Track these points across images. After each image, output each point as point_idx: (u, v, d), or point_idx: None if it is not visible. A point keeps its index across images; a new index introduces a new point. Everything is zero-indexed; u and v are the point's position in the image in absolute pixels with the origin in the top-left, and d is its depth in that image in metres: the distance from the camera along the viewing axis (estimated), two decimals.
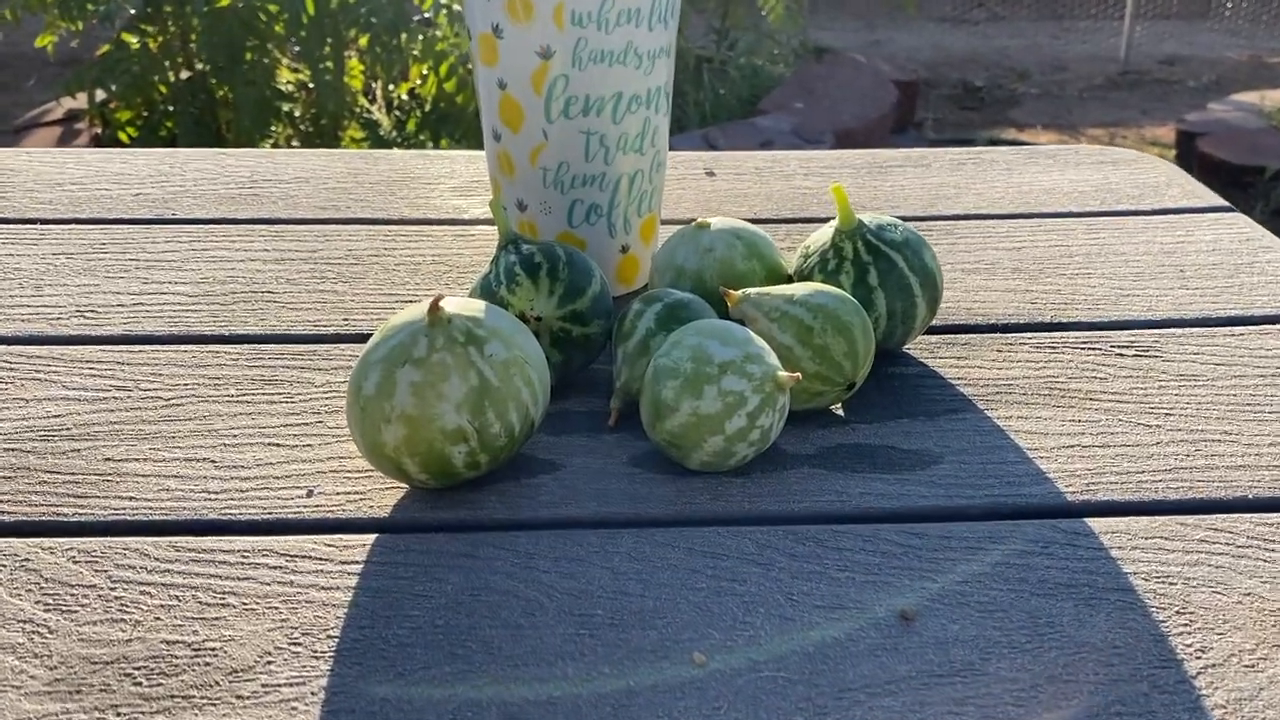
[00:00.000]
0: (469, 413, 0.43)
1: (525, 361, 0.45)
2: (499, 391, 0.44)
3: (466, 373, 0.43)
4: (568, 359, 0.52)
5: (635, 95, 0.57)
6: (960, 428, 0.51)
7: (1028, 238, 0.70)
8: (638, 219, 0.62)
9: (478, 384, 0.43)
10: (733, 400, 0.44)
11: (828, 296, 0.49)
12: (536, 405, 0.46)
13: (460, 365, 0.43)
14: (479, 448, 0.44)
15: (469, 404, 0.43)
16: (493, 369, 0.44)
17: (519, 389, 0.44)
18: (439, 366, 0.43)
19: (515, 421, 0.45)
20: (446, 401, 0.43)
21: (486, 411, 0.43)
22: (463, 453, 0.44)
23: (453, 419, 0.43)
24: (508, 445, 0.45)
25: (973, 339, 0.58)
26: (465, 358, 0.43)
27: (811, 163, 0.82)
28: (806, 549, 0.43)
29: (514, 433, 0.45)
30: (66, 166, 0.81)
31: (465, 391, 0.43)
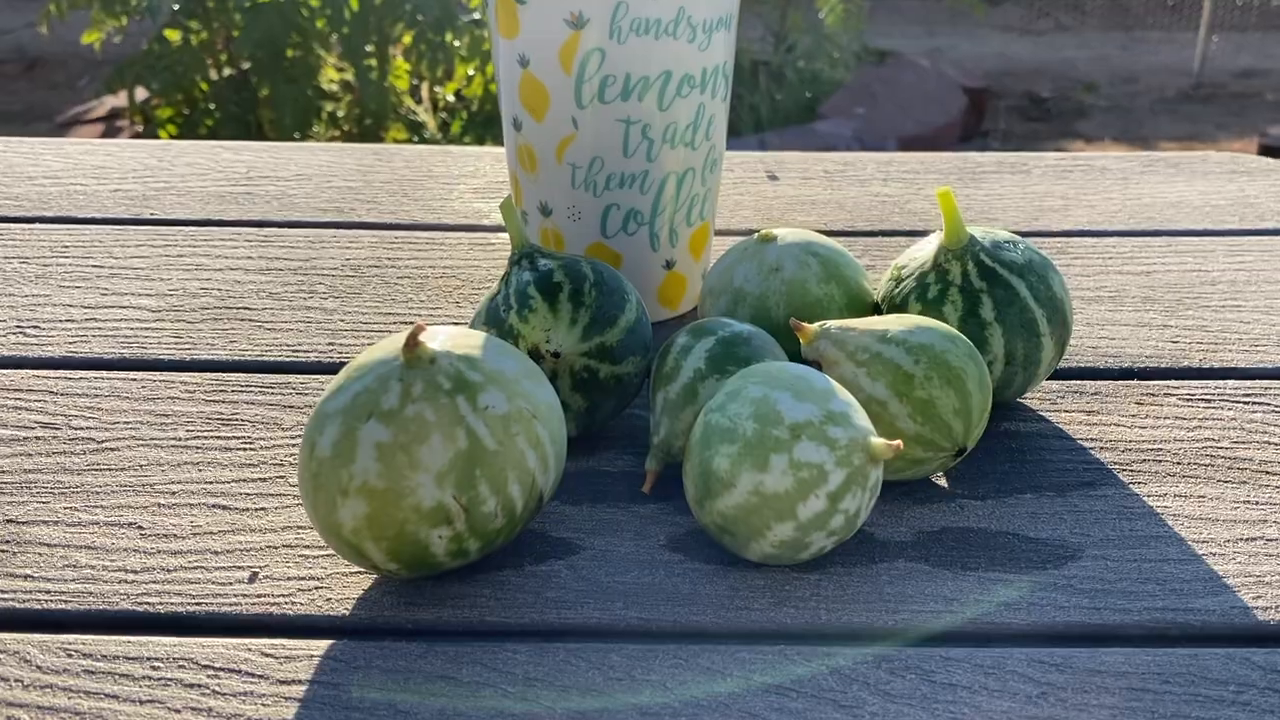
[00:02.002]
0: (454, 486, 0.32)
1: (533, 416, 0.34)
2: (495, 457, 0.33)
3: (452, 432, 0.32)
4: (593, 406, 0.41)
5: (687, 75, 0.46)
6: (1100, 509, 0.39)
7: (1157, 260, 0.58)
8: (686, 229, 0.51)
9: (467, 447, 0.32)
10: (809, 476, 0.33)
11: (933, 334, 0.38)
12: (546, 474, 0.34)
13: (444, 421, 0.32)
14: (467, 531, 0.33)
15: (454, 474, 0.32)
16: (488, 427, 0.33)
17: (523, 453, 0.33)
18: (415, 423, 0.32)
19: (516, 496, 0.34)
20: (424, 471, 0.32)
21: (478, 484, 0.33)
22: (445, 538, 0.33)
23: (431, 494, 0.32)
24: (506, 528, 0.34)
25: (1105, 387, 0.46)
26: (452, 411, 0.32)
27: (891, 166, 0.71)
28: (906, 684, 0.32)
29: (514, 511, 0.34)
30: (43, 158, 0.72)
31: (450, 457, 0.32)
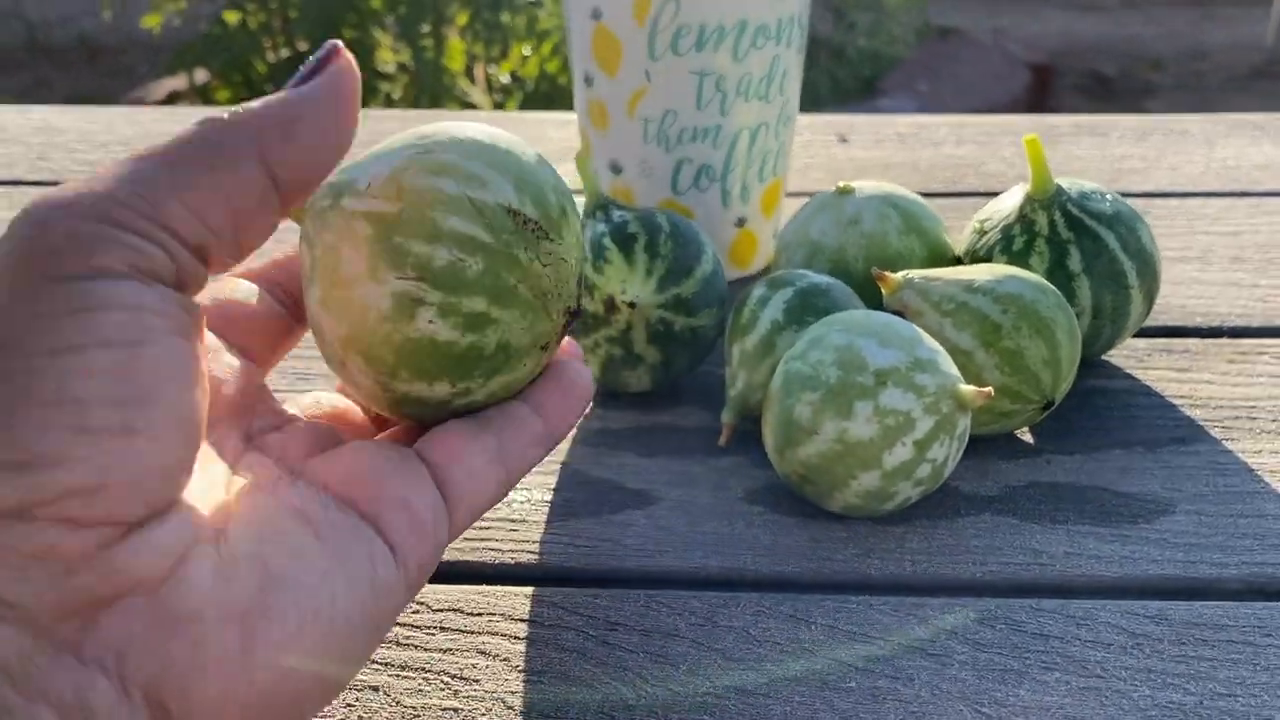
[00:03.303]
0: (388, 266, 0.25)
1: (427, 152, 0.26)
2: (404, 216, 0.25)
3: (349, 229, 0.25)
4: (668, 359, 0.40)
5: (762, 26, 0.45)
6: (1193, 464, 0.38)
7: (1244, 221, 0.56)
8: (759, 185, 0.50)
9: (373, 231, 0.25)
10: (895, 423, 0.32)
11: (1021, 283, 0.37)
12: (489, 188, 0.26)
13: (342, 230, 0.25)
14: (447, 295, 0.25)
15: (381, 259, 0.25)
16: (379, 199, 0.25)
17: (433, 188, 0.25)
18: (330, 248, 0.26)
19: (468, 227, 0.25)
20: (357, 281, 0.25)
21: (408, 247, 0.25)
22: (433, 319, 0.25)
23: (380, 293, 0.25)
24: (490, 262, 0.25)
25: (1194, 345, 0.45)
26: (344, 215, 0.25)
27: (965, 128, 0.69)
28: (997, 634, 0.31)
29: (480, 242, 0.25)
30: (114, 125, 0.73)
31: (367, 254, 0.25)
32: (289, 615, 0.21)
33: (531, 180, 0.27)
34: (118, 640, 0.20)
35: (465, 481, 0.25)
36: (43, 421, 0.19)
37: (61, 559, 0.19)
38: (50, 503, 0.19)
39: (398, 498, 0.24)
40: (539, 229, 0.26)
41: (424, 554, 0.24)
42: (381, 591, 0.23)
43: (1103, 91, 3.75)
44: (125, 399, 0.20)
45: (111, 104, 2.98)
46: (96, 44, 3.80)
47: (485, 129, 0.27)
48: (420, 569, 0.24)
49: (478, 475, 0.26)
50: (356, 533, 0.23)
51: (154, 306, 0.21)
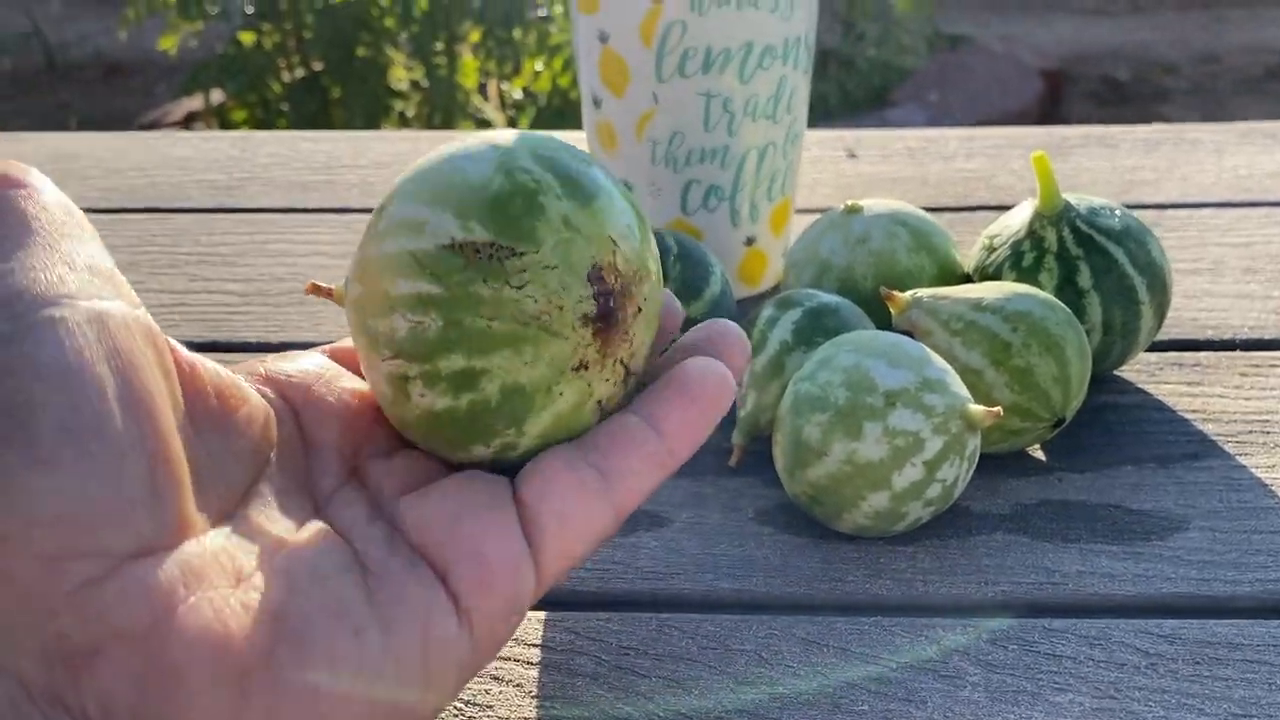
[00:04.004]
0: (374, 352, 0.25)
1: None
2: (365, 297, 0.25)
3: (350, 317, 0.26)
4: None
5: (769, 47, 0.46)
6: (1206, 480, 0.38)
7: (1256, 231, 0.56)
8: (767, 204, 0.50)
9: (355, 317, 0.25)
10: (904, 444, 0.32)
11: (1030, 301, 0.37)
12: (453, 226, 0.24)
13: (347, 319, 0.26)
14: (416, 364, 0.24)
15: (365, 342, 0.25)
16: (354, 286, 0.25)
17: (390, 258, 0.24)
18: None
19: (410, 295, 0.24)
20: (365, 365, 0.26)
21: (375, 327, 0.25)
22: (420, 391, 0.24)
23: (378, 378, 0.25)
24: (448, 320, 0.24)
25: (1206, 359, 0.45)
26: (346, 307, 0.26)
27: (975, 141, 0.69)
28: (1009, 655, 0.31)
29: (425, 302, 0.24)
30: (129, 151, 0.73)
31: (359, 339, 0.25)
32: (300, 674, 0.20)
33: (480, 195, 0.24)
34: (102, 694, 0.19)
35: (553, 527, 0.23)
36: None
37: (41, 598, 0.19)
38: (17, 534, 0.19)
39: (471, 548, 0.23)
40: (497, 250, 0.23)
41: (494, 607, 0.23)
42: (434, 646, 0.22)
43: (1115, 97, 3.73)
44: (74, 428, 0.19)
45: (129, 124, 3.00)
46: (114, 65, 3.83)
47: (449, 149, 0.25)
48: (490, 624, 0.23)
49: (571, 517, 0.24)
50: (416, 584, 0.22)
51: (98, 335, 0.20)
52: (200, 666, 0.19)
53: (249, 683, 0.20)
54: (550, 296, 0.23)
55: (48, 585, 0.19)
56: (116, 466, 0.19)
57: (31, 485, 0.19)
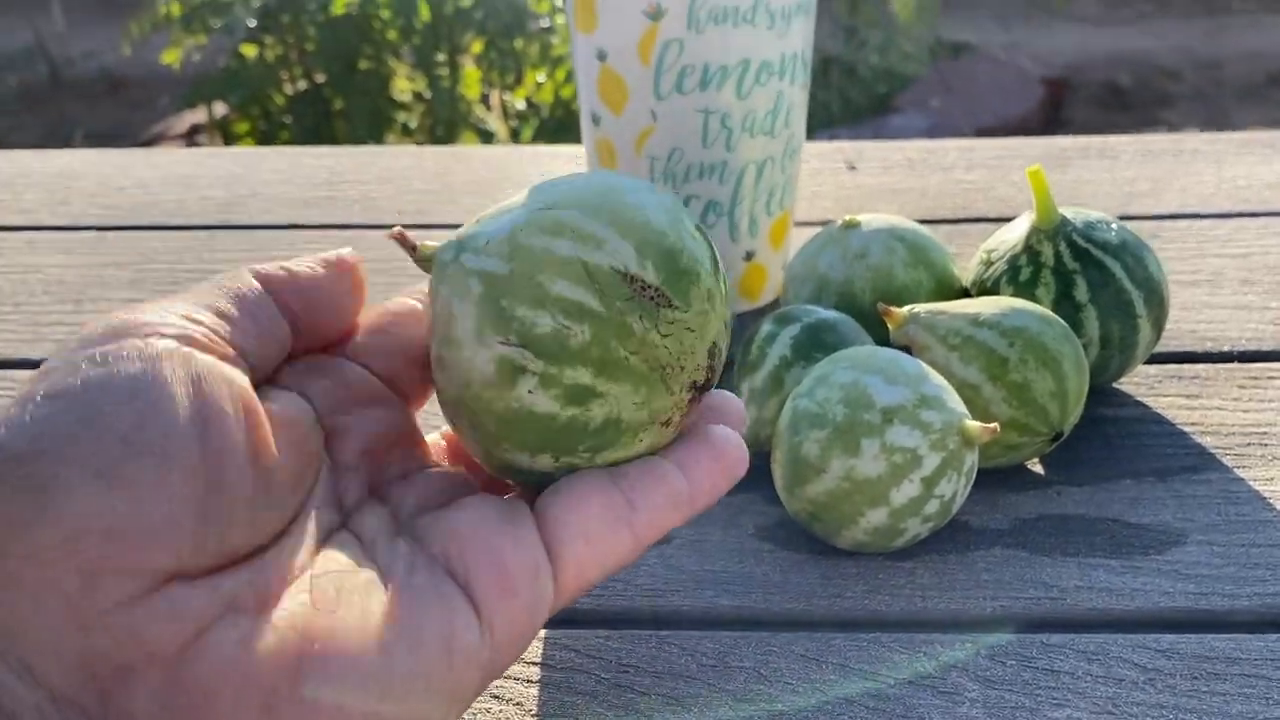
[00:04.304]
0: (492, 331, 0.25)
1: (549, 207, 0.26)
2: (516, 278, 0.25)
3: (466, 289, 0.25)
4: None
5: (765, 63, 0.46)
6: (1204, 494, 0.38)
7: (1254, 242, 0.56)
8: (766, 218, 0.50)
9: (481, 290, 0.25)
10: (902, 460, 0.32)
11: (1027, 316, 0.37)
12: (606, 249, 0.25)
13: (459, 284, 0.25)
14: (549, 363, 0.25)
15: (486, 320, 0.25)
16: (493, 257, 0.25)
17: (547, 251, 0.25)
18: (438, 309, 0.26)
19: (575, 295, 0.25)
20: (463, 343, 0.25)
21: (514, 310, 0.25)
22: (534, 389, 0.25)
23: (482, 357, 0.25)
24: (598, 332, 0.25)
25: (1204, 371, 0.45)
26: (461, 271, 0.25)
27: (975, 152, 0.69)
28: (1007, 671, 0.31)
29: (586, 309, 0.25)
30: (133, 168, 0.74)
31: (473, 309, 0.25)
32: (327, 692, 0.20)
33: (659, 241, 0.25)
34: (130, 713, 0.19)
35: (575, 543, 0.24)
36: (59, 459, 0.19)
37: (77, 612, 0.19)
38: (63, 544, 0.19)
39: (491, 559, 0.24)
40: (660, 296, 0.25)
41: (514, 617, 0.23)
42: (458, 655, 0.22)
43: (1118, 103, 3.73)
44: (139, 446, 0.20)
45: (133, 137, 3.01)
46: (118, 79, 3.85)
47: (620, 180, 0.26)
48: (509, 632, 0.23)
49: (594, 537, 0.25)
50: (439, 596, 0.23)
51: (188, 364, 0.21)
52: (227, 688, 0.20)
53: (276, 700, 0.20)
54: (682, 355, 0.25)
55: (85, 600, 0.19)
56: (170, 488, 0.20)
57: (85, 497, 0.19)
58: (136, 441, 0.20)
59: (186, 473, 0.20)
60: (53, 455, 0.20)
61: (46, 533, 0.19)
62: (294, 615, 0.21)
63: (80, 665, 0.19)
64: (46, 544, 0.19)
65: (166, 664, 0.20)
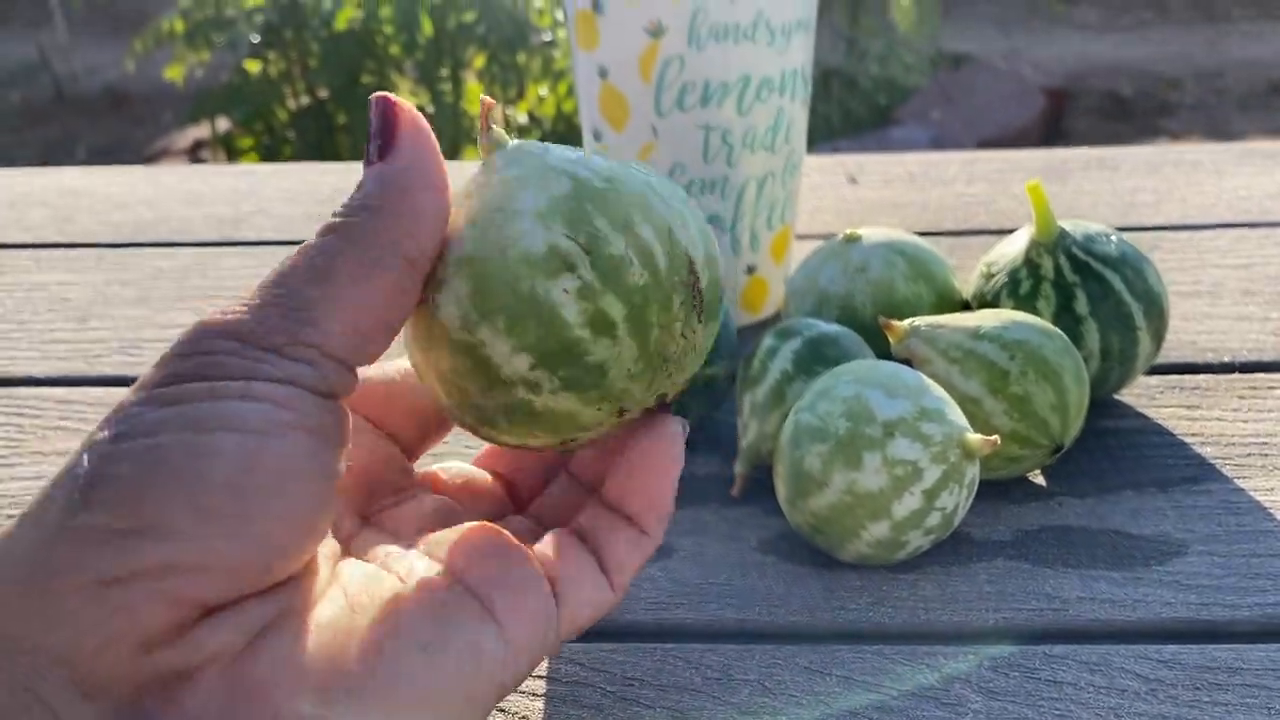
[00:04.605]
0: (564, 224, 0.25)
1: (651, 188, 0.26)
2: (609, 195, 0.25)
3: (547, 179, 0.25)
4: (681, 409, 0.41)
5: (766, 79, 0.46)
6: (1205, 504, 0.38)
7: (1255, 252, 0.56)
8: (767, 232, 0.50)
9: (570, 189, 0.25)
10: (903, 473, 0.33)
11: (1027, 329, 0.37)
12: (688, 233, 0.26)
13: (536, 173, 0.25)
14: (598, 282, 0.25)
15: (561, 213, 0.25)
16: (592, 171, 0.26)
17: (644, 197, 0.26)
18: (503, 183, 0.26)
19: (652, 241, 0.25)
20: (521, 216, 0.25)
21: (594, 219, 0.25)
22: (571, 291, 0.24)
23: (539, 235, 0.25)
24: (652, 288, 0.25)
25: (1205, 382, 0.45)
26: (542, 162, 0.26)
27: (975, 165, 0.70)
28: (1010, 682, 0.31)
29: (655, 264, 0.25)
30: (138, 186, 0.74)
31: (550, 197, 0.25)
32: (373, 685, 0.21)
33: (713, 264, 0.27)
34: (194, 715, 0.20)
35: (568, 587, 0.26)
36: (163, 493, 0.20)
37: (143, 635, 0.20)
38: (150, 575, 0.20)
39: (504, 574, 0.25)
40: (700, 302, 0.26)
41: (532, 635, 0.24)
42: (484, 665, 0.23)
43: (1120, 112, 3.74)
44: (245, 487, 0.21)
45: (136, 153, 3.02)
46: (121, 95, 3.86)
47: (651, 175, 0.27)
48: (528, 644, 0.24)
49: (584, 585, 0.26)
50: (463, 606, 0.24)
51: (291, 405, 0.22)
52: (284, 680, 0.21)
53: (328, 697, 0.21)
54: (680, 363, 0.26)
55: (156, 623, 0.20)
56: (267, 532, 0.21)
57: (185, 531, 0.20)
58: (242, 485, 0.21)
59: (284, 520, 0.21)
60: (159, 487, 0.20)
61: (145, 559, 0.20)
62: (335, 619, 0.22)
63: (139, 678, 0.20)
64: (141, 569, 0.20)
65: (223, 664, 0.21)
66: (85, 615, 0.20)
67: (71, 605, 0.20)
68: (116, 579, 0.20)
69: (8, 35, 4.43)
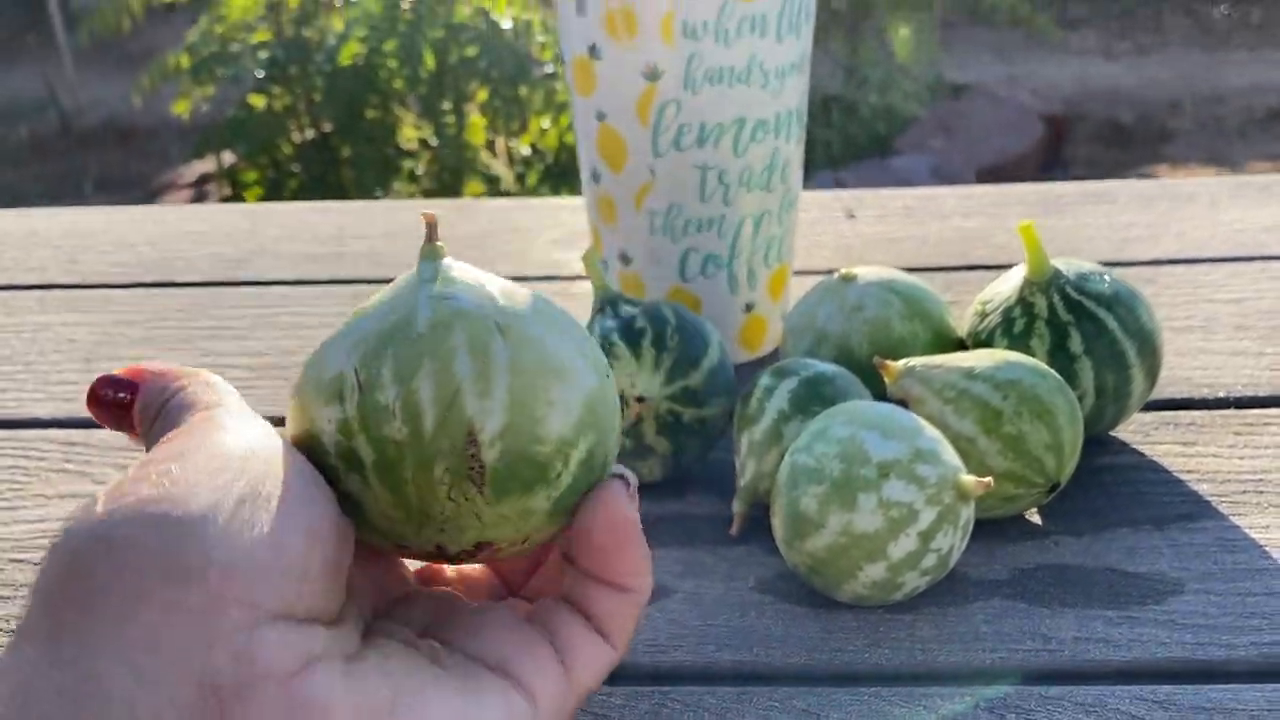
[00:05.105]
0: (359, 358, 0.25)
1: (500, 331, 0.26)
2: (416, 342, 0.25)
3: (394, 303, 0.26)
4: (678, 449, 0.41)
5: (761, 121, 0.47)
6: (1200, 542, 0.38)
7: (1249, 287, 0.57)
8: (765, 270, 0.51)
9: (392, 322, 0.26)
10: (899, 515, 0.33)
11: (1020, 369, 0.38)
12: (486, 402, 0.25)
13: (395, 293, 0.27)
14: (356, 420, 0.25)
15: (366, 345, 0.26)
16: (430, 311, 0.26)
17: (453, 352, 0.25)
18: (375, 300, 0.27)
19: (426, 402, 0.25)
20: (348, 334, 0.26)
21: (383, 362, 0.25)
22: (333, 421, 0.26)
23: (339, 359, 0.26)
24: (408, 446, 0.25)
25: (1200, 418, 0.45)
26: (407, 287, 0.27)
27: (972, 199, 0.70)
28: None
29: (419, 422, 0.25)
30: (143, 225, 0.75)
31: (375, 329, 0.26)
32: None
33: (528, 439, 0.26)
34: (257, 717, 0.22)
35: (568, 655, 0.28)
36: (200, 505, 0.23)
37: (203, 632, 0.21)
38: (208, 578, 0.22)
39: (523, 646, 0.27)
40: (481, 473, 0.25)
41: (555, 692, 0.27)
42: None
43: (1120, 138, 3.75)
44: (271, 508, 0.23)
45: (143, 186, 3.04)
46: (127, 128, 3.90)
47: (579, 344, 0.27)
48: (552, 708, 0.26)
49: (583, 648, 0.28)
50: (489, 677, 0.26)
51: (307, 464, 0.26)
52: (340, 705, 0.22)
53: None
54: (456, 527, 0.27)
55: (210, 620, 0.22)
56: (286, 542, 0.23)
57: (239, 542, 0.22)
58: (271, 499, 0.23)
59: (299, 534, 0.23)
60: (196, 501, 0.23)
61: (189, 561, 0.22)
62: (381, 667, 0.24)
63: (204, 681, 0.21)
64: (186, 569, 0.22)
65: (281, 682, 0.22)
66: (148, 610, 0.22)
67: None
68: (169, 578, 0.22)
69: (16, 71, 4.47)
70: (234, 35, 2.49)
